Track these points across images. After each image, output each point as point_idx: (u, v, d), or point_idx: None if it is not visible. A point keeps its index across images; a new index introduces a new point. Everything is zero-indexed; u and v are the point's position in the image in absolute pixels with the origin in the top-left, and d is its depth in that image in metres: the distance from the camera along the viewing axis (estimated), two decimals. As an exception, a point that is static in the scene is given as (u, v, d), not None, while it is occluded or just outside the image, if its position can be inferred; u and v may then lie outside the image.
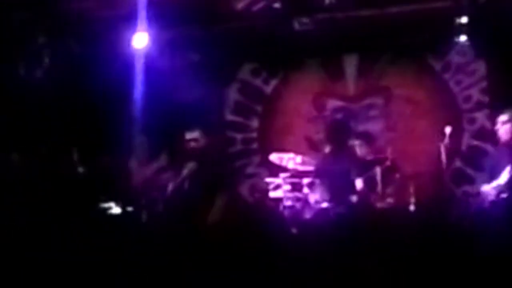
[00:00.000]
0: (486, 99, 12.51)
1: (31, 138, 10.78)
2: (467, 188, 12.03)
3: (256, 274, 5.40)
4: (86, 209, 9.65)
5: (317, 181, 10.91)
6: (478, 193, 8.92)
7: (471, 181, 12.04)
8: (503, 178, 8.64)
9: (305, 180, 11.01)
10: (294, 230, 7.72)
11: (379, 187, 10.60)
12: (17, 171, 10.28)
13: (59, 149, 10.95)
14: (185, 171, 10.05)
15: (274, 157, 11.38)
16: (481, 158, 11.67)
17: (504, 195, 8.55)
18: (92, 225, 7.45)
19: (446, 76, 12.77)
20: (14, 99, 10.86)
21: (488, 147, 11.63)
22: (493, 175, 8.84)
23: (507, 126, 8.99)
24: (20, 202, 9.69)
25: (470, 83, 12.65)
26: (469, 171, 12.34)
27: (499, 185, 8.64)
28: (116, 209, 10.38)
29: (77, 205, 9.80)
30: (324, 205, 10.56)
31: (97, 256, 5.98)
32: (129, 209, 10.30)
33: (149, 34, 10.94)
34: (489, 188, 8.75)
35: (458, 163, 12.32)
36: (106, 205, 10.37)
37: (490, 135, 9.47)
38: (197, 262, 5.71)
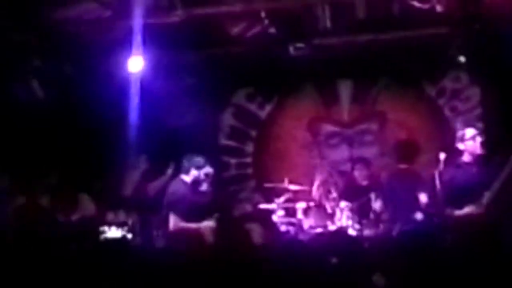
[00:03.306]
0: (480, 125, 12.50)
1: (24, 160, 10.76)
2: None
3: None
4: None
5: (312, 206, 10.93)
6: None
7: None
8: (484, 198, 8.60)
9: (299, 205, 11.00)
10: (290, 256, 7.69)
11: (373, 213, 10.61)
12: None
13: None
14: None
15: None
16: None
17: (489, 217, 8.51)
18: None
19: (441, 102, 12.79)
20: (7, 121, 10.84)
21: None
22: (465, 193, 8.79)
23: (475, 140, 8.96)
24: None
25: (465, 109, 12.67)
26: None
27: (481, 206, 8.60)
28: (111, 233, 10.37)
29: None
30: (318, 230, 10.57)
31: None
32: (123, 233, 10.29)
33: (144, 58, 10.94)
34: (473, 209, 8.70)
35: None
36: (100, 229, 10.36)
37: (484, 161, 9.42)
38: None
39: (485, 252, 5.58)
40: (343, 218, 10.67)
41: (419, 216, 9.98)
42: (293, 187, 11.19)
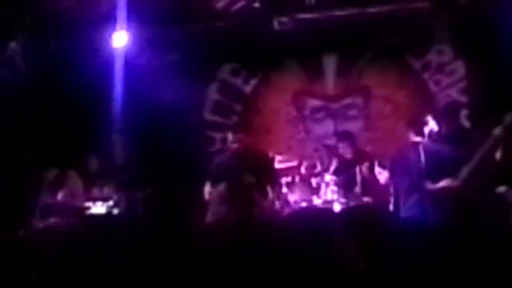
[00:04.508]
0: (465, 99, 12.54)
1: (8, 137, 10.72)
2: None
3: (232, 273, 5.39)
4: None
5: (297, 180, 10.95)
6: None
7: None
8: (462, 173, 8.61)
9: (284, 180, 11.01)
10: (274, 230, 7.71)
11: (359, 187, 10.64)
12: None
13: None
14: None
15: None
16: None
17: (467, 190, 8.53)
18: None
19: (426, 75, 12.81)
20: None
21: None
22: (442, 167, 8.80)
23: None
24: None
25: (449, 83, 12.69)
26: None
27: (459, 179, 8.61)
28: (96, 209, 10.37)
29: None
30: (303, 204, 10.59)
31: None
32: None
33: (129, 33, 10.90)
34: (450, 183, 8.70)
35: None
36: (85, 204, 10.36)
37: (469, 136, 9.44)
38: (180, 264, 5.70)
39: (460, 226, 5.60)
40: (328, 192, 10.70)
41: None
42: (278, 165, 11.20)
